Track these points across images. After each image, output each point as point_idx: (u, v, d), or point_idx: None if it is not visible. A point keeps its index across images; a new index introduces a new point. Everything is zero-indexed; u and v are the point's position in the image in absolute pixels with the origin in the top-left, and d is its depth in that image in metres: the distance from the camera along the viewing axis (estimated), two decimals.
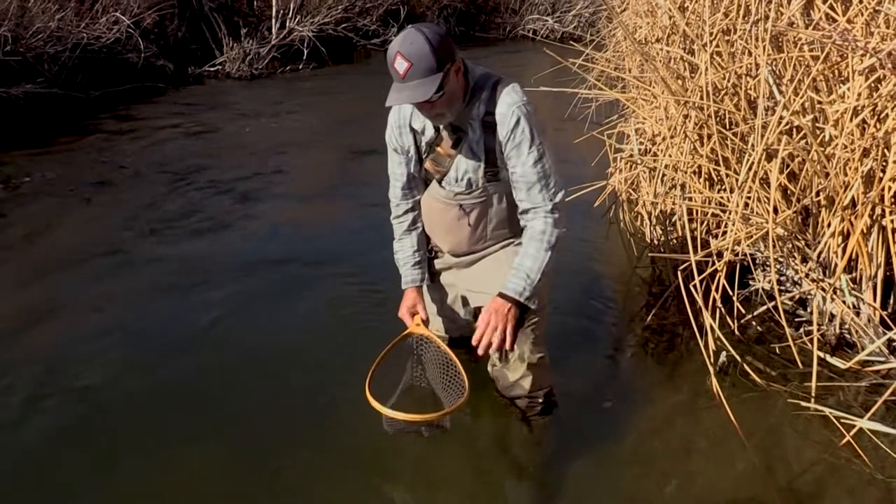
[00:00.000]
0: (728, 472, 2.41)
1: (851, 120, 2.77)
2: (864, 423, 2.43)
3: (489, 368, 2.52)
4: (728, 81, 3.38)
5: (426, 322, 2.43)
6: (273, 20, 10.67)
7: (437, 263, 2.55)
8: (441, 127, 2.25)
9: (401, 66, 2.01)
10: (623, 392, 2.85)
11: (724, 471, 2.42)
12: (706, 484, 2.36)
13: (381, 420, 2.22)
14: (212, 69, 9.85)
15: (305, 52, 10.59)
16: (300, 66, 10.45)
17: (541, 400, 2.50)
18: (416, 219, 2.49)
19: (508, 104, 2.15)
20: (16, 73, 7.32)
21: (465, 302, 2.55)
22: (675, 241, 3.55)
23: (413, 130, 2.33)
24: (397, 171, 2.43)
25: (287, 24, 10.67)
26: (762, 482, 2.36)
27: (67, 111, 7.41)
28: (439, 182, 2.35)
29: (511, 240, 2.41)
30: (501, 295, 2.20)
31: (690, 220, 3.40)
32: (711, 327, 2.75)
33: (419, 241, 2.50)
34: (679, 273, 2.91)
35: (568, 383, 2.75)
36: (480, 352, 2.19)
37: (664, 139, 3.75)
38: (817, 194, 2.96)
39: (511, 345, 2.20)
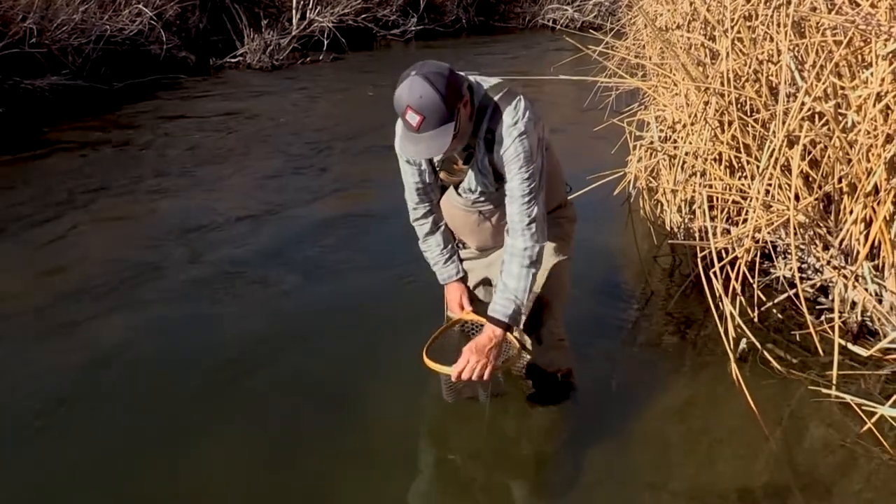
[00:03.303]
0: (748, 459, 2.41)
1: (874, 106, 2.74)
2: (886, 411, 2.43)
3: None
4: (749, 67, 3.35)
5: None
6: (293, 11, 10.73)
7: (463, 253, 2.58)
8: None
9: (413, 119, 2.00)
10: (643, 379, 2.86)
11: (743, 457, 2.42)
12: (726, 470, 2.36)
13: (430, 395, 2.27)
14: (233, 60, 9.91)
15: (325, 42, 10.64)
16: (321, 57, 10.49)
17: (559, 379, 2.52)
18: (437, 219, 2.49)
19: (507, 125, 2.14)
20: (41, 66, 7.43)
21: (486, 282, 2.58)
22: (695, 228, 3.54)
23: None
24: (410, 179, 2.42)
25: (307, 15, 10.71)
26: (782, 468, 2.36)
27: (92, 103, 7.50)
28: (455, 188, 2.37)
29: None
30: (491, 319, 2.22)
31: (711, 208, 3.39)
32: (731, 314, 2.75)
33: (445, 238, 2.51)
34: (699, 261, 2.91)
35: (588, 370, 2.77)
36: (454, 379, 2.19)
37: (684, 126, 3.74)
38: (839, 181, 2.94)
39: (486, 379, 2.18)
